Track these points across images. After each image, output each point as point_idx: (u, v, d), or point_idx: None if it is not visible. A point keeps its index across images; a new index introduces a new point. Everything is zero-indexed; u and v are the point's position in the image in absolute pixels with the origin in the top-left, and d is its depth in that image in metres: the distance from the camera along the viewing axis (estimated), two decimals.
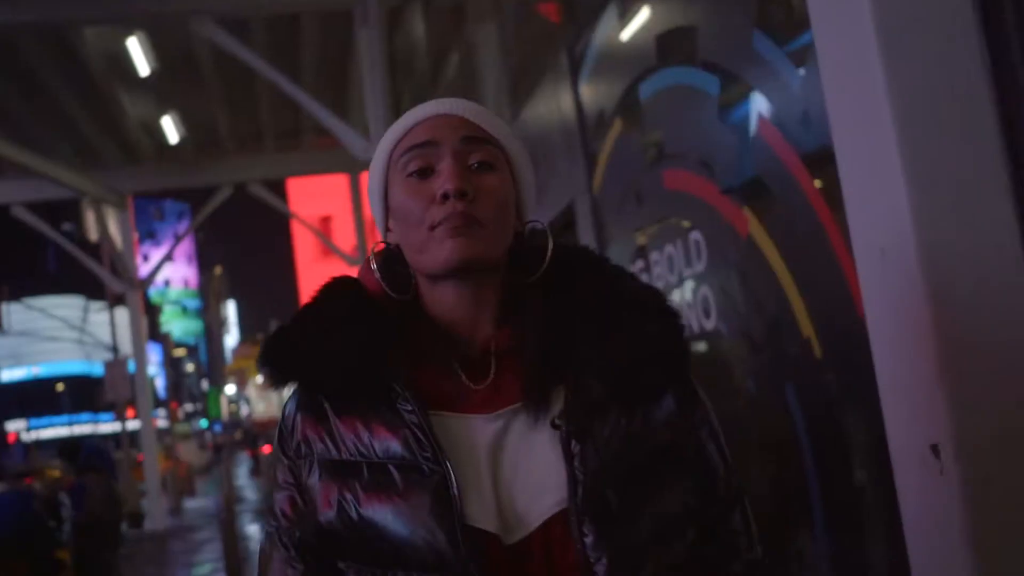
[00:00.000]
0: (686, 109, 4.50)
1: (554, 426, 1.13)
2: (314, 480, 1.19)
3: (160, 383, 42.27)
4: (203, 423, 74.47)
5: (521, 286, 1.21)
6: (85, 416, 60.30)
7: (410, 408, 1.13)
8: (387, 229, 1.27)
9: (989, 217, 1.69)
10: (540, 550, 1.11)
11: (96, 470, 9.98)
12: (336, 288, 1.24)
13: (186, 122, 14.42)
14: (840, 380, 3.36)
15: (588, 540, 1.09)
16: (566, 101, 6.84)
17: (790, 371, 3.77)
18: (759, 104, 3.74)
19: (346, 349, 1.16)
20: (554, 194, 7.71)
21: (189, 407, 73.98)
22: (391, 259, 1.27)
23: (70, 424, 60.36)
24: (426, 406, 1.14)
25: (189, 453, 38.37)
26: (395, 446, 1.13)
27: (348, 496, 1.14)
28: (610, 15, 5.53)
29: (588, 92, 6.40)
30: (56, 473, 12.67)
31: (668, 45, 4.67)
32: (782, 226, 3.70)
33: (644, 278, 5.20)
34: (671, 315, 1.22)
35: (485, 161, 1.20)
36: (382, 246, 1.27)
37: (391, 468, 1.13)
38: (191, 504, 23.81)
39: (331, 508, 1.15)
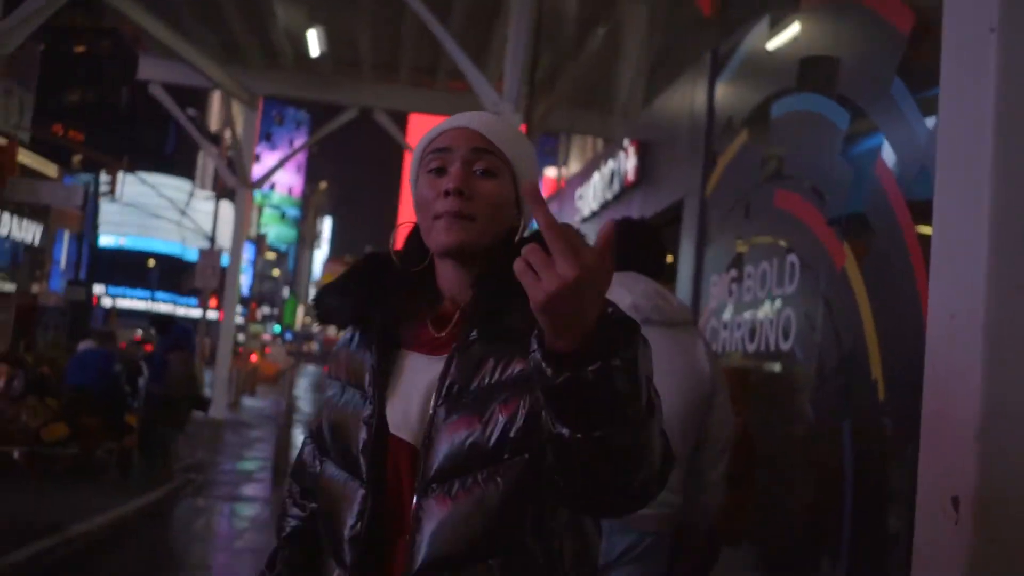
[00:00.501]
0: (812, 135, 4.60)
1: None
2: (330, 390, 1.58)
3: (245, 281, 43.40)
4: (276, 328, 76.29)
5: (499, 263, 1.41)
6: (167, 295, 62.10)
7: (376, 351, 1.48)
8: None
9: None
10: None
11: (181, 349, 10.45)
12: (372, 257, 1.58)
13: (329, 38, 14.78)
14: (895, 426, 3.48)
15: (434, 429, 1.37)
16: (700, 99, 6.94)
17: (851, 407, 3.90)
18: (882, 147, 3.83)
19: (350, 302, 1.52)
20: (666, 188, 7.84)
21: (266, 310, 75.74)
22: (417, 235, 1.55)
23: (152, 300, 62.25)
24: (397, 347, 1.49)
25: (278, 355, 39.84)
26: (363, 375, 1.48)
27: (334, 403, 1.53)
28: (761, 27, 5.62)
29: (723, 96, 6.50)
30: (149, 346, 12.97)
31: (810, 71, 4.76)
32: (876, 268, 3.80)
33: (733, 288, 5.35)
34: None
35: (488, 169, 1.44)
36: (410, 225, 1.56)
37: (356, 390, 1.49)
38: (248, 402, 24.56)
39: (326, 411, 1.55)
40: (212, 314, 26.97)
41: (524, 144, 1.51)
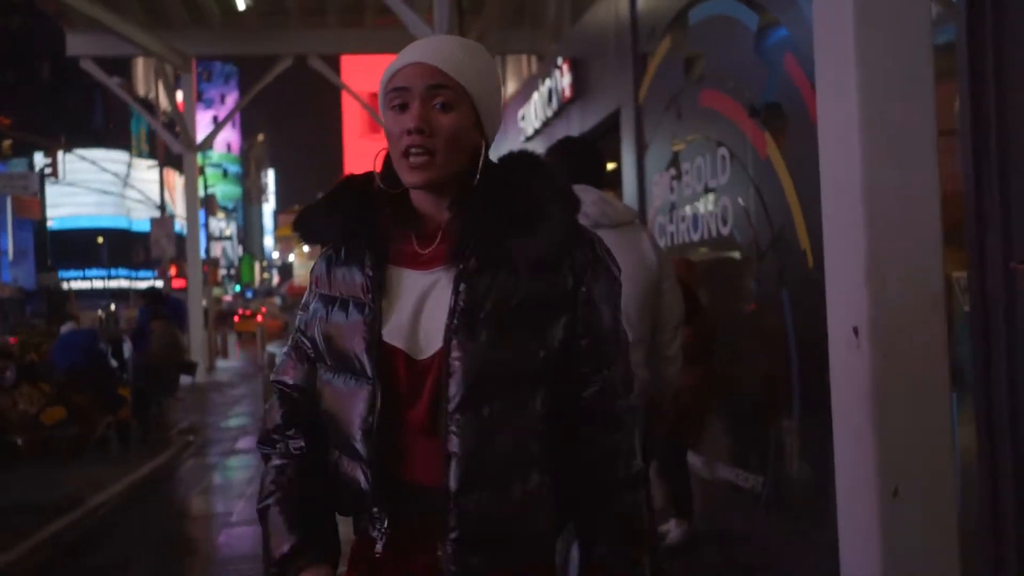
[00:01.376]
0: (728, 38, 5.00)
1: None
2: (314, 306, 1.67)
3: (200, 245, 43.11)
4: (236, 288, 75.95)
5: (471, 185, 1.58)
6: (121, 271, 61.35)
7: (370, 264, 1.58)
8: None
9: (918, 162, 2.31)
10: (439, 366, 1.53)
11: (162, 318, 10.71)
12: (352, 180, 1.68)
13: None
14: (823, 288, 3.96)
15: (454, 353, 1.50)
16: (623, 11, 7.28)
17: (787, 278, 4.38)
18: (788, 42, 4.25)
19: (339, 221, 1.62)
20: (602, 100, 8.21)
21: (222, 271, 75.19)
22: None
23: (108, 278, 61.56)
24: (384, 262, 1.59)
25: (274, 312, 40.67)
26: (356, 288, 1.59)
27: (323, 316, 1.63)
28: None
29: (644, 5, 6.85)
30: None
31: None
32: (794, 150, 4.25)
33: (674, 185, 5.79)
34: (561, 216, 1.55)
35: (446, 102, 1.52)
36: (386, 152, 1.64)
37: (350, 301, 1.59)
38: (222, 364, 24.76)
39: (316, 325, 1.65)
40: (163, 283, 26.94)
41: (482, 66, 1.57)
